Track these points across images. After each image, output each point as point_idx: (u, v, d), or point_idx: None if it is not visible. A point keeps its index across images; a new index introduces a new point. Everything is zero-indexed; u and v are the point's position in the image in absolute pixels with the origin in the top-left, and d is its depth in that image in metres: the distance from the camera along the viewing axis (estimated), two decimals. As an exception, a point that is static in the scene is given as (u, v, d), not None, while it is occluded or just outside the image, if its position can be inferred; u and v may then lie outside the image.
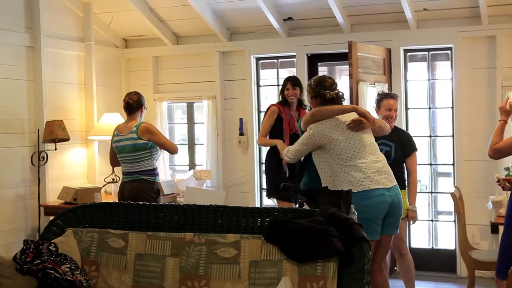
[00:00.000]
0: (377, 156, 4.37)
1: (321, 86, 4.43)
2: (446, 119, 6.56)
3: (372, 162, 4.30)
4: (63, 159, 6.59)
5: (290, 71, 7.03)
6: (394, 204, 4.32)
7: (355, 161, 4.26)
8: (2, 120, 5.92)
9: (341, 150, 4.27)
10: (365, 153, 4.31)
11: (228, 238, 3.41)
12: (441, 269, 6.48)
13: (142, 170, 5.45)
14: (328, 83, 4.44)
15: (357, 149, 4.29)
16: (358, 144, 4.31)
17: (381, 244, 4.42)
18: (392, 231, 4.44)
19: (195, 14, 6.69)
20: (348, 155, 4.26)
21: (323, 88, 4.42)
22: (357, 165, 4.24)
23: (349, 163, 4.25)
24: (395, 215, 4.38)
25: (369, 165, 4.27)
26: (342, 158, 4.26)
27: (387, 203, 4.27)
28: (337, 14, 6.31)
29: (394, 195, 4.33)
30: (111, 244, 3.58)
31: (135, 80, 7.57)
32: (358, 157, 4.27)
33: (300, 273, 3.19)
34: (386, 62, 6.43)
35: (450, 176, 6.56)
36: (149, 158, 5.47)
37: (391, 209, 4.31)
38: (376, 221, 4.24)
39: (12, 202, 6.02)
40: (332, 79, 4.51)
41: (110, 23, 7.24)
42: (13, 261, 3.26)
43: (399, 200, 4.39)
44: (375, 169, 4.28)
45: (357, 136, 4.32)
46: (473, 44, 6.25)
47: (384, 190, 4.26)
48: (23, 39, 6.12)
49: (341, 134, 4.29)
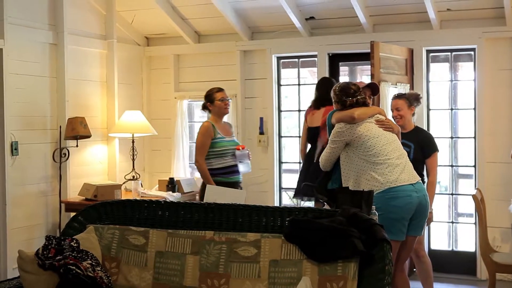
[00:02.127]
0: (400, 154, 4.40)
1: (344, 93, 4.49)
2: (468, 120, 6.51)
3: (396, 158, 4.33)
4: (84, 155, 6.64)
5: (311, 71, 7.02)
6: (421, 205, 4.35)
7: (382, 158, 4.30)
8: (26, 117, 5.97)
9: (369, 146, 4.31)
10: (390, 150, 4.34)
11: (248, 237, 3.41)
12: (461, 272, 6.43)
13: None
14: (351, 91, 4.50)
15: (384, 146, 4.33)
16: (384, 141, 4.35)
17: (405, 245, 4.42)
18: (417, 232, 4.46)
19: (217, 13, 6.70)
20: (376, 152, 4.30)
21: (345, 95, 4.47)
22: (384, 163, 4.28)
23: (376, 160, 4.29)
24: (421, 216, 4.39)
25: (394, 161, 4.31)
26: (370, 155, 4.30)
27: (414, 204, 4.28)
28: (359, 13, 6.28)
29: (421, 196, 4.35)
30: (131, 241, 3.59)
31: (156, 78, 7.60)
32: (384, 154, 4.31)
33: (320, 273, 3.17)
34: (408, 63, 6.39)
35: (471, 178, 6.51)
36: (208, 158, 5.48)
37: (418, 210, 4.34)
38: (402, 222, 4.24)
39: (33, 198, 6.07)
40: (357, 86, 4.55)
41: (132, 21, 7.28)
42: (36, 256, 3.28)
43: (427, 202, 4.41)
44: (400, 166, 4.31)
45: (383, 133, 4.38)
46: (497, 45, 6.19)
47: (410, 188, 4.28)
48: (46, 36, 6.17)
49: (369, 131, 4.34)
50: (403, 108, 5.19)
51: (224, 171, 5.46)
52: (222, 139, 5.48)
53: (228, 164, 5.48)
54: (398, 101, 5.25)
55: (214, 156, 5.45)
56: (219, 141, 5.46)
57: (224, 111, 5.59)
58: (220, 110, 5.57)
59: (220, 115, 5.60)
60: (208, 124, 5.51)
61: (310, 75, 7.98)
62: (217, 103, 5.55)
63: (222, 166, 5.46)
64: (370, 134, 4.34)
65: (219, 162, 5.45)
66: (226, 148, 5.48)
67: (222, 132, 5.54)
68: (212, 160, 5.46)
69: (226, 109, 5.59)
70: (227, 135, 5.59)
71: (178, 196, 6.33)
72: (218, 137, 5.46)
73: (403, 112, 5.18)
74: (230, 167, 5.49)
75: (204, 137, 5.46)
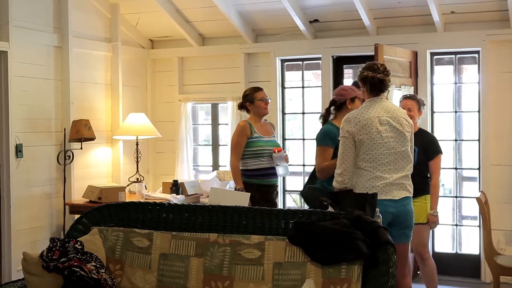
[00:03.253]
0: (400, 166, 4.22)
1: (368, 68, 4.28)
2: (472, 123, 6.50)
3: (393, 171, 4.19)
4: (89, 158, 6.66)
5: (315, 73, 7.02)
6: (399, 213, 4.20)
7: (379, 166, 4.16)
8: (30, 119, 5.99)
9: (368, 152, 4.16)
10: (391, 161, 4.19)
11: (252, 239, 3.41)
12: (465, 274, 6.41)
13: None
14: (375, 66, 4.27)
15: (384, 156, 4.17)
16: (386, 150, 4.18)
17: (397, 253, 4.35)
18: (402, 239, 4.29)
19: (221, 16, 6.71)
20: (373, 158, 4.16)
21: (368, 70, 4.26)
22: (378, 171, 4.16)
23: (372, 166, 4.16)
24: (401, 224, 4.24)
25: (389, 173, 4.17)
26: (367, 160, 4.16)
27: (389, 214, 4.14)
28: (363, 16, 6.28)
29: (400, 206, 4.20)
30: (135, 243, 3.59)
31: (160, 80, 7.62)
32: (382, 163, 4.16)
33: (324, 275, 3.17)
34: (413, 65, 6.39)
35: (475, 181, 6.50)
36: (243, 158, 5.42)
37: (395, 219, 4.20)
38: None
39: (38, 200, 6.09)
40: (384, 66, 4.33)
41: (136, 24, 7.30)
42: (40, 258, 3.30)
43: (406, 210, 4.25)
44: (391, 180, 4.17)
45: (389, 142, 4.19)
46: (501, 47, 6.18)
47: (390, 201, 4.15)
48: (51, 39, 6.19)
49: (368, 136, 4.17)
50: (414, 109, 5.13)
51: (259, 173, 5.32)
52: (259, 139, 5.36)
53: (264, 166, 5.32)
54: (409, 101, 5.18)
55: (250, 156, 5.33)
56: (256, 141, 5.34)
57: (264, 111, 5.46)
58: (260, 110, 5.45)
59: (260, 115, 5.47)
60: (244, 123, 5.41)
61: (314, 78, 7.99)
62: (257, 103, 5.43)
63: (258, 168, 5.32)
64: (370, 140, 4.17)
65: (254, 163, 5.32)
66: (262, 148, 5.33)
67: (261, 132, 5.42)
68: (247, 160, 5.34)
69: (266, 109, 5.46)
70: (266, 135, 5.45)
71: (182, 199, 6.33)
72: (255, 136, 5.35)
73: (413, 113, 5.10)
74: (266, 169, 5.33)
75: (238, 137, 5.36)
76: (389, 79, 4.29)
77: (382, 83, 4.24)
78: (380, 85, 4.24)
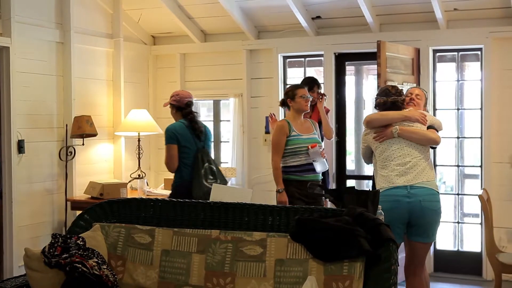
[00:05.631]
0: (403, 159, 4.51)
1: (381, 94, 4.76)
2: (475, 120, 6.49)
3: (396, 165, 4.49)
4: (90, 154, 6.65)
5: (318, 70, 7.01)
6: (415, 211, 4.36)
7: (385, 163, 4.55)
8: (32, 115, 5.99)
9: (378, 153, 4.61)
10: (394, 158, 4.53)
11: (254, 236, 3.41)
12: (467, 272, 6.41)
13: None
14: (387, 91, 4.73)
15: (388, 153, 4.56)
16: (389, 147, 4.57)
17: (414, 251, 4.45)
18: (421, 238, 4.44)
19: (223, 12, 6.70)
20: (382, 158, 4.56)
21: (381, 95, 4.73)
22: (385, 169, 4.54)
23: (383, 165, 4.55)
24: (418, 222, 4.38)
25: (393, 168, 4.49)
26: (379, 160, 4.59)
27: (403, 209, 4.28)
28: (366, 13, 6.27)
29: (415, 201, 4.35)
30: (137, 240, 3.59)
31: (162, 77, 7.61)
32: (388, 160, 4.55)
33: (326, 272, 3.17)
34: (415, 62, 6.37)
35: (477, 178, 6.49)
36: (283, 156, 5.47)
37: (413, 216, 4.35)
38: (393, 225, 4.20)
39: (40, 196, 6.09)
40: (396, 88, 4.75)
41: (139, 20, 7.29)
42: (42, 254, 3.30)
43: (422, 207, 4.36)
44: (398, 172, 4.46)
45: (392, 141, 4.58)
46: (504, 44, 6.17)
47: (402, 192, 4.37)
48: (53, 35, 6.19)
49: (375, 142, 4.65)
50: (421, 98, 5.08)
51: (298, 169, 5.35)
52: (297, 137, 5.38)
53: (302, 163, 5.36)
54: (418, 89, 5.16)
55: (288, 154, 5.37)
56: (294, 139, 5.37)
57: (304, 108, 5.47)
58: (300, 107, 5.46)
59: (299, 112, 5.48)
60: (282, 123, 5.46)
61: (317, 75, 7.97)
62: (298, 100, 5.44)
63: (296, 164, 5.36)
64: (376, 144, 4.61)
65: (293, 160, 5.35)
66: (299, 146, 5.36)
67: (299, 130, 5.43)
68: (287, 157, 5.38)
69: (306, 106, 5.47)
70: (305, 132, 5.47)
71: (183, 195, 6.32)
72: (293, 134, 5.38)
73: (420, 101, 5.07)
74: (304, 165, 5.36)
75: (277, 136, 5.42)
76: (401, 98, 4.72)
77: (395, 105, 4.67)
78: (393, 107, 4.66)
